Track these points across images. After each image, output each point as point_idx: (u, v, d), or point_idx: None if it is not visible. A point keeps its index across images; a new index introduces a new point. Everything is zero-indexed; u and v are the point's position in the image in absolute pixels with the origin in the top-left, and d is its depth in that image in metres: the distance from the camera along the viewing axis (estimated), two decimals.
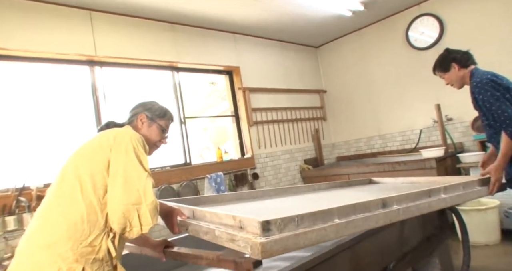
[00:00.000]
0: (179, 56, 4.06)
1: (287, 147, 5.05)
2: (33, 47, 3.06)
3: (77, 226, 1.28)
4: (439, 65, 2.48)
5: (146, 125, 1.65)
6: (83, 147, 1.47)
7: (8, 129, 3.00)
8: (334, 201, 1.85)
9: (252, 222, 1.06)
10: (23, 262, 1.26)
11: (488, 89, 2.12)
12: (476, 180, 2.06)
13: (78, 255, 1.26)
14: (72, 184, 1.35)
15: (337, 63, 5.73)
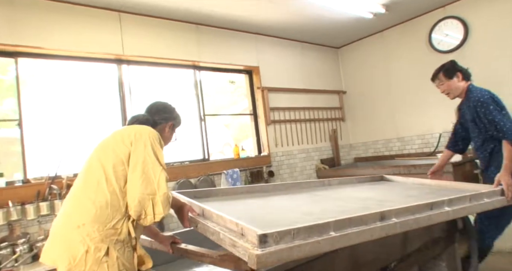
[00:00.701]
0: (201, 55, 4.22)
1: (303, 146, 5.13)
2: (66, 46, 3.30)
3: (102, 210, 1.46)
4: (445, 71, 2.57)
5: (170, 132, 1.89)
6: (106, 140, 1.66)
7: (43, 123, 3.26)
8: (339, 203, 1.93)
9: (252, 232, 1.17)
10: (58, 240, 1.46)
11: (490, 103, 2.34)
12: (486, 191, 2.06)
13: (103, 236, 1.44)
14: (98, 173, 1.53)
15: (357, 64, 5.73)
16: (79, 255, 1.40)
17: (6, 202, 2.77)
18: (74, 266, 1.39)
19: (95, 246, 1.41)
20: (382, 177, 3.08)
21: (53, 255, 1.45)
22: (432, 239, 2.38)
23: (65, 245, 1.42)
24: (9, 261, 2.56)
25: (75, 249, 1.41)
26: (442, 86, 2.61)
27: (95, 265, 1.40)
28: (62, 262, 1.41)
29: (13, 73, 3.17)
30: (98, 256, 1.40)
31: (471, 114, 2.48)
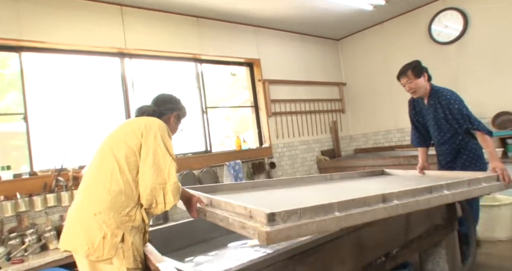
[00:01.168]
0: (203, 48, 4.24)
1: (304, 138, 5.18)
2: (69, 40, 3.32)
3: (117, 199, 1.52)
4: (414, 69, 2.65)
5: (174, 122, 1.92)
6: (117, 132, 1.70)
7: (48, 116, 3.29)
8: (342, 193, 1.99)
9: (260, 212, 1.23)
10: (76, 227, 1.51)
11: (461, 100, 2.57)
12: (483, 176, 2.14)
13: (119, 223, 1.50)
14: (111, 163, 1.58)
15: (358, 56, 5.75)
16: (97, 241, 1.46)
17: (14, 193, 2.82)
18: (93, 251, 1.45)
19: (112, 232, 1.47)
20: (383, 171, 3.15)
21: (72, 241, 1.51)
22: (433, 226, 2.44)
23: (83, 232, 1.48)
24: (18, 251, 2.62)
25: (93, 236, 1.46)
26: (410, 84, 2.67)
27: (112, 250, 1.46)
28: (81, 248, 1.46)
29: (13, 68, 3.19)
30: (114, 242, 1.46)
31: (442, 111, 2.61)
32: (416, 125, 2.96)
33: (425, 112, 2.80)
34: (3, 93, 3.18)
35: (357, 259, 1.81)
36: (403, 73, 2.69)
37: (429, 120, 2.79)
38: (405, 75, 2.67)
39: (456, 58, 4.60)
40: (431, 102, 2.71)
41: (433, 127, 2.75)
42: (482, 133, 2.46)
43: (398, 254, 2.10)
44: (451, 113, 2.56)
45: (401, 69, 2.73)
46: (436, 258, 2.64)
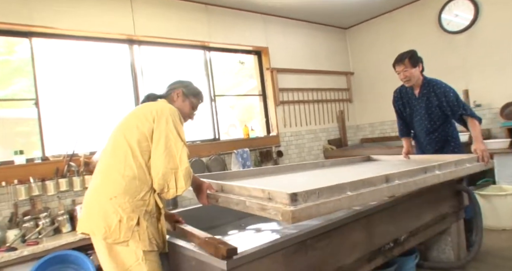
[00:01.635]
0: (211, 36, 4.23)
1: (311, 127, 5.19)
2: (79, 26, 3.32)
3: (132, 183, 1.55)
4: (412, 58, 2.73)
5: (181, 99, 1.87)
6: (129, 117, 1.71)
7: (59, 102, 3.32)
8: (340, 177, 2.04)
9: (281, 194, 1.29)
10: (94, 210, 1.55)
11: (453, 89, 2.69)
12: (466, 158, 2.32)
13: (134, 207, 1.53)
14: (124, 149, 1.60)
15: (366, 45, 5.70)
16: (113, 224, 1.49)
17: (28, 178, 2.87)
18: (110, 234, 1.49)
19: (127, 216, 1.51)
20: (369, 157, 3.26)
21: (90, 224, 1.55)
22: (440, 214, 2.47)
23: (100, 215, 1.52)
24: (33, 233, 2.69)
25: (109, 219, 1.50)
26: (406, 72, 2.72)
27: (128, 233, 1.50)
28: (99, 231, 1.50)
29: (20, 54, 3.21)
30: (130, 225, 1.50)
31: (437, 99, 2.70)
32: (401, 116, 3.07)
33: (415, 103, 2.87)
34: (9, 79, 3.20)
35: (367, 244, 1.85)
36: (400, 61, 2.74)
37: (419, 110, 2.85)
38: (402, 63, 2.72)
39: (465, 47, 4.55)
40: (424, 92, 2.78)
41: (423, 116, 2.82)
42: (473, 119, 2.58)
43: (406, 241, 2.14)
44: (447, 101, 2.64)
45: (398, 56, 2.78)
46: (442, 246, 2.69)
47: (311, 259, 1.55)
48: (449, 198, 2.58)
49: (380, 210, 1.95)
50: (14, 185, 2.83)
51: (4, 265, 2.42)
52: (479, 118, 2.60)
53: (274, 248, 1.41)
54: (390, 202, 2.03)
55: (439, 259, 2.70)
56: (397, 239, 2.06)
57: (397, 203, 2.08)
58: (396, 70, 2.79)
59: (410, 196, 2.19)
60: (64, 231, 2.86)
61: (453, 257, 2.64)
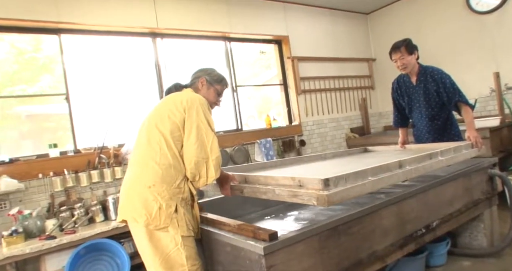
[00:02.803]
0: (232, 26, 4.22)
1: (333, 115, 5.14)
2: (104, 21, 3.39)
3: (168, 172, 1.60)
4: (408, 45, 2.72)
5: (206, 87, 1.90)
6: (159, 108, 1.76)
7: (87, 96, 3.42)
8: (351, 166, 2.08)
9: (313, 180, 1.35)
10: (134, 198, 1.62)
11: (449, 75, 2.73)
12: (462, 144, 2.38)
13: (171, 194, 1.59)
14: (158, 138, 1.66)
15: (388, 30, 5.55)
16: (154, 211, 1.56)
17: (62, 170, 3.00)
18: (151, 221, 1.56)
19: (166, 203, 1.57)
20: (366, 148, 3.33)
21: (131, 212, 1.61)
22: (473, 200, 2.42)
23: (141, 203, 1.58)
24: (69, 223, 2.81)
25: (150, 206, 1.57)
26: (403, 60, 2.73)
27: (168, 219, 1.56)
28: (141, 218, 1.57)
29: (46, 51, 3.31)
30: (169, 212, 1.57)
31: (435, 84, 2.72)
32: (398, 107, 3.09)
33: (412, 91, 2.89)
34: (37, 76, 3.31)
35: (398, 230, 1.84)
36: (396, 49, 2.75)
37: (417, 97, 2.87)
38: (399, 51, 2.74)
39: (495, 28, 4.36)
40: (421, 79, 2.81)
41: (422, 103, 2.84)
42: (467, 106, 2.66)
43: (438, 227, 2.11)
44: (444, 86, 2.68)
45: (394, 45, 2.80)
46: (474, 232, 2.64)
47: (344, 244, 1.56)
48: (481, 184, 2.52)
49: (412, 195, 1.93)
50: (50, 177, 2.96)
51: (45, 252, 2.56)
52: (472, 106, 2.69)
53: (309, 233, 1.42)
54: (422, 187, 2.00)
55: (471, 246, 2.65)
56: (429, 225, 2.04)
57: (429, 188, 2.05)
58: (392, 58, 2.81)
59: (442, 181, 2.15)
60: (97, 220, 2.97)
61: (486, 244, 2.58)
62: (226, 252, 1.53)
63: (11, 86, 3.17)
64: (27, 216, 2.74)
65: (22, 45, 3.27)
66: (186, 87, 1.92)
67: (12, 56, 3.22)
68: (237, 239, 1.43)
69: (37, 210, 2.82)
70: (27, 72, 3.26)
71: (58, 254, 2.66)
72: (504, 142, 3.93)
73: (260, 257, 1.28)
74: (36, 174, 2.94)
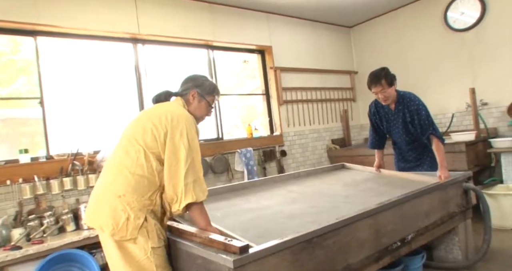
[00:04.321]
0: (215, 35, 4.21)
1: (315, 126, 5.16)
2: (84, 25, 3.32)
3: (141, 182, 1.57)
4: (387, 76, 2.62)
5: (197, 101, 1.83)
6: (144, 118, 1.68)
7: (63, 100, 3.32)
8: (313, 204, 2.17)
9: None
10: (103, 207, 1.56)
11: (425, 106, 2.69)
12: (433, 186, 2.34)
13: (141, 206, 1.55)
14: (137, 148, 1.61)
15: (370, 44, 5.67)
16: (121, 222, 1.51)
17: (32, 176, 2.87)
18: (117, 231, 1.51)
19: (135, 214, 1.52)
20: (343, 165, 3.40)
21: (98, 220, 1.56)
22: (448, 213, 2.44)
23: (109, 212, 1.53)
24: (38, 232, 2.68)
25: (117, 216, 1.51)
26: (384, 93, 2.64)
27: (135, 231, 1.51)
28: (107, 227, 1.52)
29: (24, 54, 3.21)
30: (138, 223, 1.51)
31: (410, 116, 2.70)
32: (376, 129, 3.05)
33: (391, 117, 2.86)
34: (14, 79, 3.20)
35: (374, 243, 1.82)
36: (377, 82, 2.61)
37: (396, 124, 2.86)
38: (380, 84, 2.61)
39: (471, 45, 4.51)
40: (399, 107, 2.76)
41: (401, 130, 2.83)
42: (439, 141, 2.62)
43: (413, 240, 2.11)
44: (419, 119, 2.66)
45: (372, 77, 2.66)
46: (449, 245, 2.66)
47: (318, 257, 1.53)
48: (456, 197, 2.55)
49: (388, 207, 1.93)
50: (19, 184, 2.83)
51: (9, 263, 2.43)
52: (443, 141, 2.67)
53: (281, 246, 1.39)
54: (399, 200, 2.01)
55: (446, 259, 2.67)
56: (404, 238, 2.03)
57: (405, 200, 2.06)
58: (372, 91, 2.70)
59: (418, 194, 2.16)
60: (68, 229, 2.86)
61: (461, 257, 2.60)
62: (197, 265, 1.48)
63: None
64: None
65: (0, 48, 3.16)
66: (176, 95, 1.85)
67: None
68: (207, 251, 1.38)
69: (2, 218, 2.69)
70: (3, 75, 3.14)
71: (23, 265, 2.52)
72: (479, 156, 4.03)
73: (230, 270, 1.24)
74: (4, 180, 2.80)
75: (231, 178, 4.17)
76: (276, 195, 2.48)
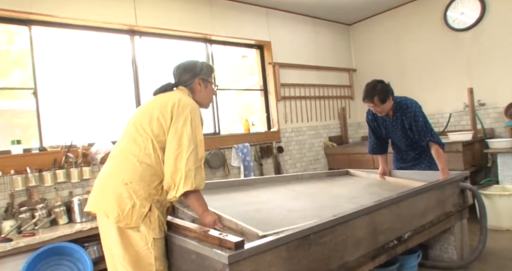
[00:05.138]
0: (214, 29, 4.16)
1: (312, 123, 5.14)
2: (80, 15, 3.25)
3: (148, 171, 1.56)
4: (382, 96, 2.58)
5: (203, 87, 1.82)
6: (150, 107, 1.67)
7: (58, 92, 3.26)
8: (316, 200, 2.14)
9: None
10: (108, 193, 1.55)
11: (422, 113, 2.67)
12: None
13: (147, 195, 1.54)
14: (145, 137, 1.60)
15: (369, 42, 5.64)
16: (126, 209, 1.50)
17: (25, 168, 2.82)
18: (122, 218, 1.50)
19: (140, 202, 1.51)
20: (348, 171, 3.32)
21: (103, 206, 1.54)
22: (444, 213, 2.43)
23: (114, 198, 1.52)
24: (29, 225, 2.64)
25: (123, 203, 1.50)
26: (377, 108, 2.65)
27: (139, 219, 1.50)
28: (112, 214, 1.50)
29: (19, 44, 3.14)
30: (142, 212, 1.51)
31: (408, 123, 2.68)
32: (376, 134, 2.99)
33: (389, 124, 2.84)
34: (9, 70, 3.14)
35: (371, 241, 1.80)
36: (369, 100, 2.61)
37: (394, 131, 2.83)
38: (371, 102, 2.62)
39: (470, 45, 4.50)
40: (397, 114, 2.74)
41: (400, 136, 2.81)
42: (438, 147, 2.61)
43: (410, 239, 2.10)
44: (416, 125, 2.65)
45: (365, 92, 2.65)
46: (445, 245, 2.65)
47: (314, 254, 1.51)
48: (453, 196, 2.54)
49: (385, 205, 1.91)
50: (11, 175, 2.78)
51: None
52: (443, 146, 2.64)
53: (277, 242, 1.36)
54: (396, 198, 1.99)
55: (441, 259, 2.66)
56: (401, 237, 2.02)
57: (403, 198, 2.04)
58: (365, 103, 2.72)
59: (415, 193, 2.15)
60: (61, 222, 2.81)
61: (456, 257, 2.60)
62: (191, 260, 1.45)
63: None
64: None
65: None
66: (176, 86, 1.82)
67: None
68: (202, 247, 1.35)
69: None
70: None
71: (14, 258, 2.47)
72: (476, 156, 4.03)
73: (225, 266, 1.21)
74: None
75: (227, 173, 4.13)
76: (278, 192, 2.44)
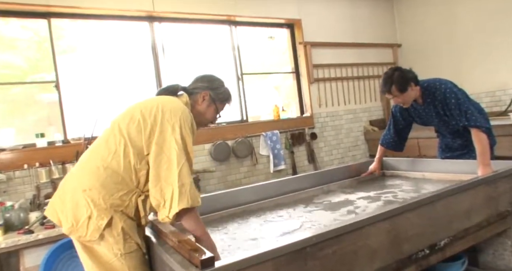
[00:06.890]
0: (237, 9, 3.90)
1: (350, 106, 4.72)
2: (97, 4, 3.19)
3: (112, 178, 1.35)
4: (399, 86, 2.22)
5: (206, 104, 1.60)
6: (135, 109, 1.45)
7: (79, 84, 3.27)
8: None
9: None
10: (66, 199, 1.37)
11: (456, 90, 2.28)
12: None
13: (108, 205, 1.33)
14: (118, 140, 1.38)
15: (416, 12, 4.98)
16: (81, 219, 1.32)
17: (48, 161, 2.88)
18: (75, 229, 1.32)
19: (98, 213, 1.31)
20: (384, 173, 2.75)
21: (59, 213, 1.37)
22: (497, 213, 2.01)
23: (71, 206, 1.34)
24: None
25: (79, 212, 1.32)
26: (397, 99, 2.26)
27: (96, 232, 1.31)
28: (66, 223, 1.34)
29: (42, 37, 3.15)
30: (100, 224, 1.31)
31: (441, 108, 2.31)
32: (396, 127, 2.60)
33: (422, 113, 2.42)
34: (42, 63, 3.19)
35: (391, 251, 1.50)
36: (387, 91, 2.24)
37: (430, 118, 2.42)
38: (389, 93, 2.24)
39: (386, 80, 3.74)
40: (428, 100, 2.34)
41: (439, 123, 2.42)
42: (479, 132, 2.17)
43: (448, 246, 1.74)
44: (449, 109, 2.28)
45: (382, 82, 2.26)
46: (499, 250, 2.21)
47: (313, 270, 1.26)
48: (510, 193, 2.08)
49: (411, 208, 1.57)
50: (36, 168, 2.85)
51: (22, 247, 2.45)
52: (486, 129, 2.18)
53: (260, 257, 1.13)
54: (427, 198, 1.64)
55: (495, 266, 2.24)
56: (435, 245, 1.67)
57: (436, 199, 1.68)
58: (385, 95, 2.34)
59: (454, 191, 1.77)
60: None
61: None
62: None
63: (34, 73, 3.17)
64: (9, 208, 2.64)
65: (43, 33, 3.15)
66: (184, 90, 1.62)
67: (34, 44, 3.16)
68: (172, 260, 1.16)
69: (19, 201, 2.72)
70: (46, 61, 3.15)
71: (36, 249, 2.54)
72: None
73: None
74: (21, 165, 2.84)
75: (255, 163, 3.94)
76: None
